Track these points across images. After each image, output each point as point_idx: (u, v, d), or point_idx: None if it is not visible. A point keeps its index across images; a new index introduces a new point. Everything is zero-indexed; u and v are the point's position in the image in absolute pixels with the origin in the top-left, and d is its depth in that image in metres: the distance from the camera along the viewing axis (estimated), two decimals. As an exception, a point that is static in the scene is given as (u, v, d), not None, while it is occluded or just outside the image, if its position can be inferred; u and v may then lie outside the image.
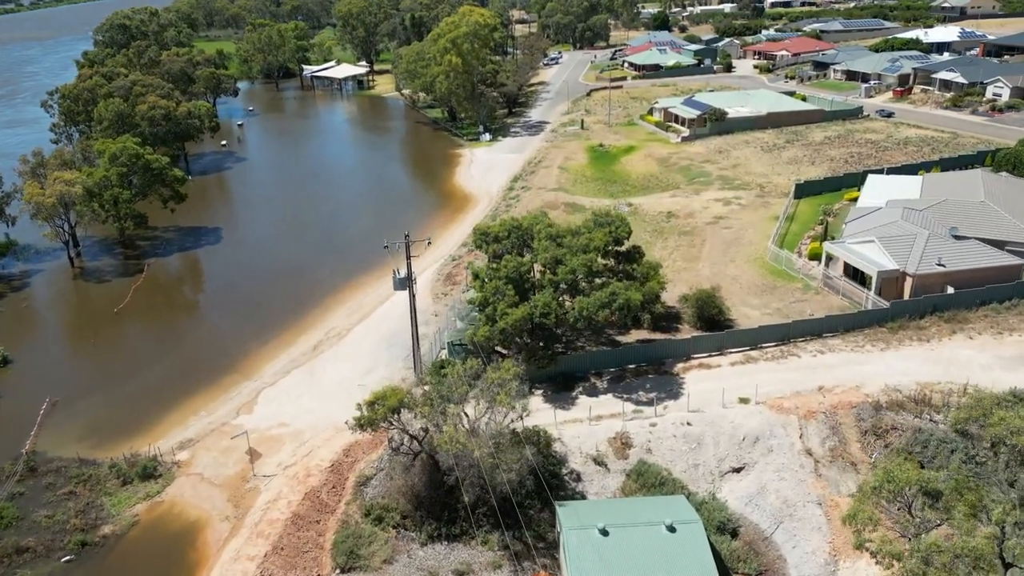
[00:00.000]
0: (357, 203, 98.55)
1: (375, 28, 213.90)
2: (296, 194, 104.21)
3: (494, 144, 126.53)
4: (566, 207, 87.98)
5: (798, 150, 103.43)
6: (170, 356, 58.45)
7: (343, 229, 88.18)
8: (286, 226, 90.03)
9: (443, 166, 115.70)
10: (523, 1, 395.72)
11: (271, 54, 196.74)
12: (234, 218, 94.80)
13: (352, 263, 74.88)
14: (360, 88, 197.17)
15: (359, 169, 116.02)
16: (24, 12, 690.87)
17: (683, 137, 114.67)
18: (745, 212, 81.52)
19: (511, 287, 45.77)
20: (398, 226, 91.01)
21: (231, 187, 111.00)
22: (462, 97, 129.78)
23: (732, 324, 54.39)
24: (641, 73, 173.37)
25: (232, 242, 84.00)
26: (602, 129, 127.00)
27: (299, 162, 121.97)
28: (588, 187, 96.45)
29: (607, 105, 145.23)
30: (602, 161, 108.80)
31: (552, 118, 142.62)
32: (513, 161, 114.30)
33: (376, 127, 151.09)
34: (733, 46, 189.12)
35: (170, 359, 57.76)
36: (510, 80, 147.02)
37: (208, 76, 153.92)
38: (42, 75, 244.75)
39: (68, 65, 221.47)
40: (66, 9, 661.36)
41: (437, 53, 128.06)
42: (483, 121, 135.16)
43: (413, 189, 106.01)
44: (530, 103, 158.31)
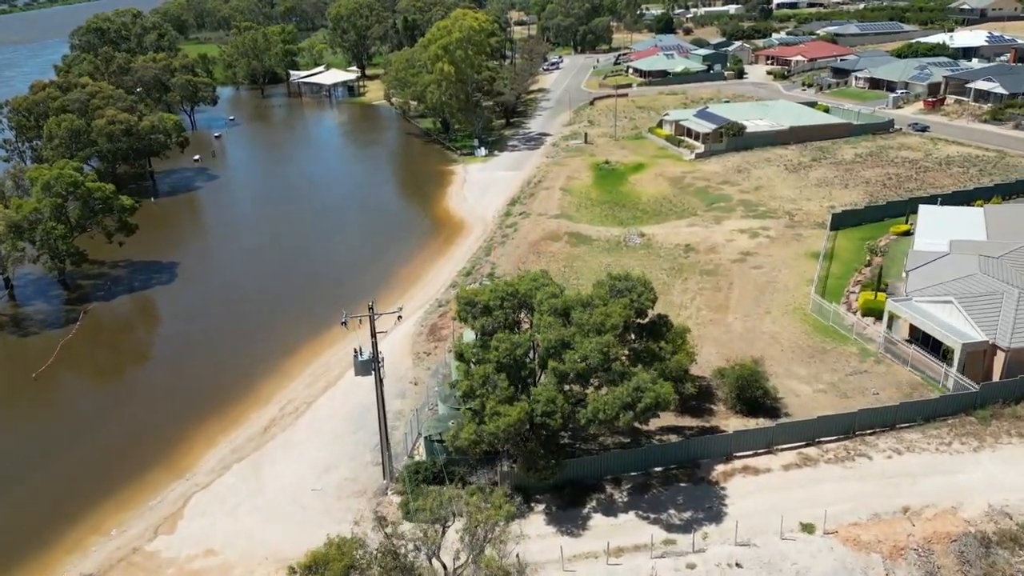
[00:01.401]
0: (337, 231, 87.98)
1: (367, 31, 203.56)
2: (269, 219, 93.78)
3: (490, 160, 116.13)
4: (569, 238, 77.56)
5: (827, 170, 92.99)
6: (84, 443, 47.43)
7: (317, 265, 77.67)
8: (253, 259, 79.57)
9: (434, 185, 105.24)
10: (523, 2, 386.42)
11: (256, 59, 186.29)
12: (196, 249, 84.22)
13: (322, 310, 64.43)
14: (351, 94, 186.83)
15: (342, 189, 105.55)
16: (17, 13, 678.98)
17: (697, 154, 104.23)
18: (775, 247, 71.07)
19: (504, 376, 35.38)
20: (380, 261, 80.00)
21: (198, 210, 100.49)
22: (455, 108, 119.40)
23: (779, 407, 44.01)
24: (647, 80, 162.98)
25: (188, 281, 73.49)
26: (607, 143, 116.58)
27: (277, 180, 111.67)
28: (594, 212, 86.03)
29: (612, 116, 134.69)
30: (608, 181, 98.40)
31: (553, 130, 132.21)
32: (511, 180, 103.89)
33: (364, 139, 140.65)
34: (744, 51, 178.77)
35: (83, 447, 46.84)
36: (508, 88, 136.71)
37: (184, 84, 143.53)
38: (19, 80, 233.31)
39: (48, 70, 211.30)
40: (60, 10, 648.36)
41: (428, 60, 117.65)
42: (478, 134, 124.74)
43: (400, 214, 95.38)
44: (529, 113, 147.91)
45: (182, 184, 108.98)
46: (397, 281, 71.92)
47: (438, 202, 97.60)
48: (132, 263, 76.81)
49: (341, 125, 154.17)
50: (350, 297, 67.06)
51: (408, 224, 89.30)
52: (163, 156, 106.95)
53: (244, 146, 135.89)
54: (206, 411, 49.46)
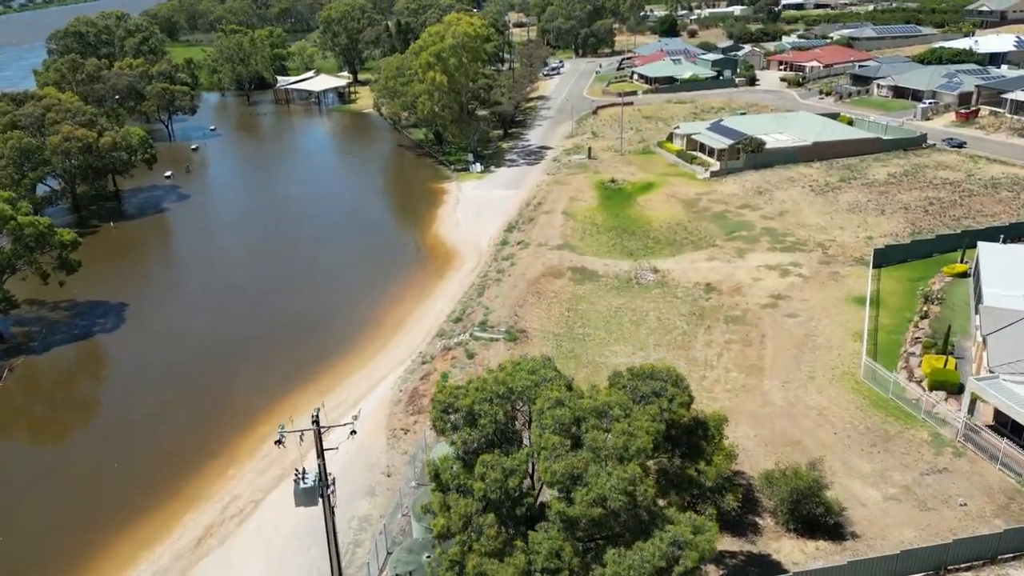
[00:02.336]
0: (314, 262, 78.74)
1: (359, 35, 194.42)
2: (239, 248, 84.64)
3: (486, 176, 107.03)
4: (573, 274, 68.43)
5: (858, 192, 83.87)
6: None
7: (288, 306, 68.44)
8: (214, 299, 70.37)
9: (425, 206, 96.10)
10: (522, 2, 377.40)
11: (241, 64, 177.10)
12: (151, 286, 74.75)
13: (286, 366, 55.44)
14: (341, 101, 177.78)
15: (324, 211, 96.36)
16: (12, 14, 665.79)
17: (712, 172, 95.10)
18: (810, 288, 61.94)
19: (492, 519, 26.31)
20: (359, 301, 68.65)
21: (161, 237, 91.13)
22: (448, 121, 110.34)
23: (842, 524, 34.89)
24: (653, 87, 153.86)
25: (137, 327, 64.25)
26: (613, 158, 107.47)
27: (253, 200, 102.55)
28: (600, 242, 76.89)
29: (617, 127, 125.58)
30: (615, 202, 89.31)
31: (554, 142, 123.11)
32: (508, 200, 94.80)
33: (352, 151, 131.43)
34: (756, 55, 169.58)
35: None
36: (505, 97, 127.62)
37: (160, 92, 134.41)
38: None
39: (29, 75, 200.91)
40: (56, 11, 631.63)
41: (419, 68, 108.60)
42: (473, 147, 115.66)
43: (386, 241, 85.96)
44: (528, 122, 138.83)
45: (150, 204, 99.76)
46: (377, 327, 62.75)
47: (428, 226, 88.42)
48: (76, 305, 67.58)
49: (328, 135, 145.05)
50: (319, 351, 58.18)
51: (394, 254, 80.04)
52: (127, 175, 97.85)
53: (223, 159, 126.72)
54: (128, 514, 40.28)
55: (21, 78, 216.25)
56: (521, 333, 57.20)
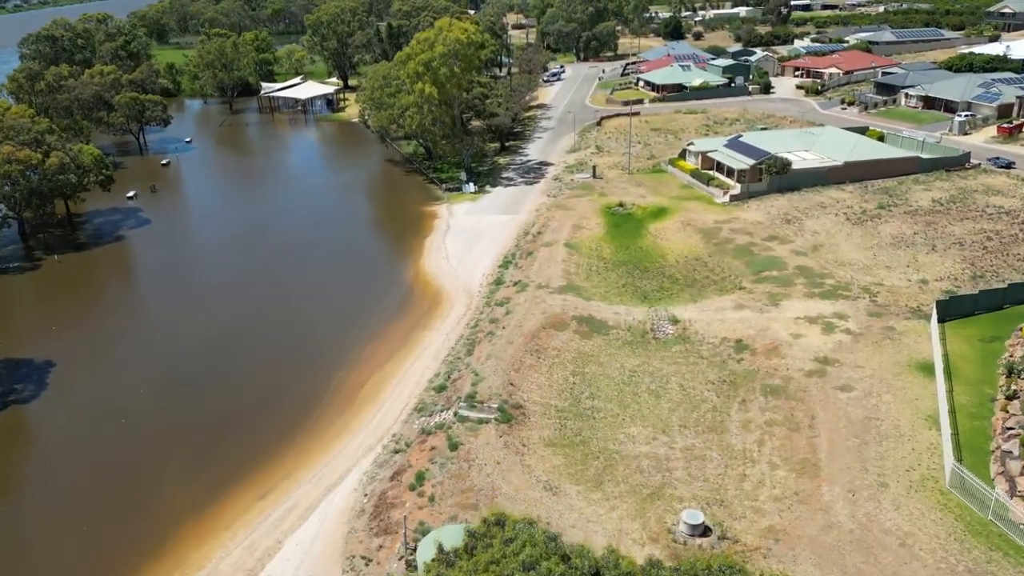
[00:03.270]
0: (279, 308, 68.42)
1: (349, 39, 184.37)
2: (194, 287, 74.43)
3: (480, 197, 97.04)
4: (579, 325, 58.46)
5: (901, 222, 73.87)
6: None
7: (237, 371, 58.31)
8: (157, 357, 60.07)
9: (411, 233, 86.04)
10: (521, 3, 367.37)
11: (223, 70, 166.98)
12: (86, 339, 64.45)
13: (222, 464, 45.43)
14: (330, 108, 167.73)
15: (299, 241, 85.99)
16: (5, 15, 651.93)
17: (732, 196, 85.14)
18: (863, 349, 51.98)
19: None
20: (325, 361, 57.32)
21: (111, 273, 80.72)
22: (439, 136, 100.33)
23: None
24: (661, 95, 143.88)
25: (58, 396, 54.04)
26: (620, 177, 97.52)
27: (220, 226, 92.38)
28: (608, 281, 66.90)
29: (623, 139, 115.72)
30: (624, 231, 79.38)
31: (555, 157, 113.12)
32: (504, 228, 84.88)
33: (336, 167, 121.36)
34: (769, 61, 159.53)
35: None
36: (503, 108, 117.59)
37: (129, 102, 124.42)
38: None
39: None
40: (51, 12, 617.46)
41: (407, 78, 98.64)
42: (467, 164, 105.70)
43: (364, 279, 75.39)
44: (527, 134, 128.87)
45: (106, 231, 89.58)
46: (344, 399, 52.70)
47: (414, 259, 78.33)
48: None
49: (312, 148, 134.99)
50: (269, 437, 48.13)
51: (373, 295, 69.96)
52: (77, 199, 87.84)
53: (194, 177, 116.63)
54: None
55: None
56: (517, 410, 47.22)
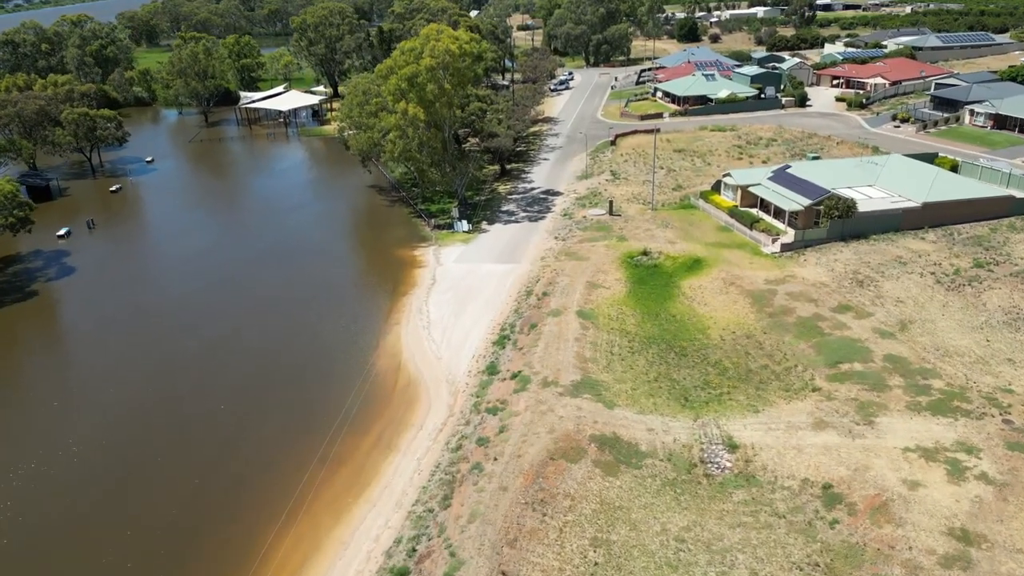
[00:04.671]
0: (203, 409, 52.69)
1: (338, 43, 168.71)
2: (110, 369, 58.83)
3: (475, 238, 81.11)
4: (600, 450, 42.48)
5: (1011, 289, 57.49)
6: None
7: (153, 495, 42.92)
8: (49, 466, 44.77)
9: (387, 290, 70.08)
10: (527, 4, 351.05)
11: (196, 78, 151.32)
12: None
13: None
14: (316, 120, 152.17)
15: (241, 302, 69.99)
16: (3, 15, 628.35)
17: (783, 244, 69.02)
18: (1015, 515, 35.85)
19: None
20: (251, 497, 41.10)
21: (12, 340, 65.29)
22: (426, 164, 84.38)
23: None
24: (683, 108, 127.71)
25: None
26: (642, 214, 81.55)
27: (156, 277, 76.11)
28: (636, 370, 51.03)
29: (642, 161, 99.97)
30: (651, 290, 63.48)
31: (563, 184, 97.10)
32: (502, 282, 68.89)
33: (310, 194, 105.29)
34: (803, 69, 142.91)
35: None
36: (503, 126, 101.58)
37: (77, 119, 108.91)
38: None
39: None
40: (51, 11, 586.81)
41: (389, 96, 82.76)
42: (461, 195, 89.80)
43: (321, 358, 57.57)
44: (531, 155, 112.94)
45: (18, 284, 73.48)
46: (267, 567, 36.93)
47: (387, 329, 62.27)
48: None
49: (289, 170, 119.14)
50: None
51: (326, 387, 53.66)
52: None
53: (145, 207, 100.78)
54: None
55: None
56: (511, 626, 31.32)
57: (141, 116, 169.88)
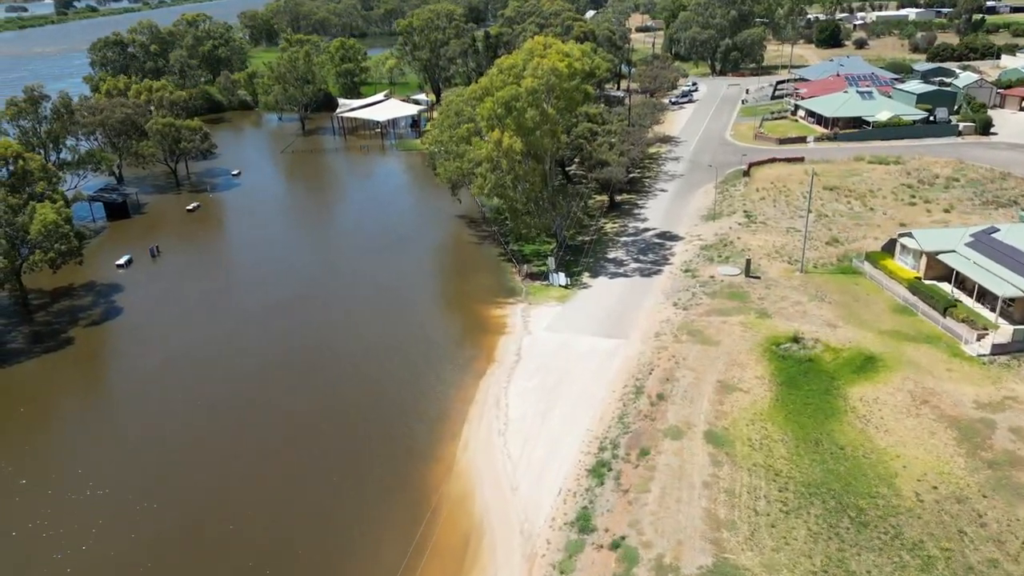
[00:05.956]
0: (230, 506, 41.74)
1: (442, 48, 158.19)
2: (131, 446, 48.92)
3: (572, 296, 66.60)
4: None
5: None
6: None
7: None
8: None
9: (460, 365, 56.47)
10: (647, 4, 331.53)
11: (295, 85, 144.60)
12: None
13: None
14: (414, 131, 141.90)
15: (284, 370, 58.48)
16: (119, 15, 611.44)
17: (995, 345, 50.44)
18: None
19: None
20: None
21: (26, 406, 56.64)
22: (520, 204, 70.50)
23: None
24: (832, 132, 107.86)
25: None
26: (788, 278, 64.46)
27: (204, 323, 65.61)
28: (794, 551, 35.24)
29: (784, 200, 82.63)
30: (806, 399, 47.15)
31: (684, 226, 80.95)
32: (603, 366, 54.06)
33: (391, 222, 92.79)
34: (983, 87, 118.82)
35: None
36: (615, 152, 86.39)
37: (162, 130, 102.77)
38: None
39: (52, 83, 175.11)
40: (165, 12, 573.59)
41: (482, 121, 69.58)
42: (561, 239, 75.64)
43: (355, 485, 44.75)
44: (646, 184, 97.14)
45: (60, 324, 65.49)
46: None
47: (452, 427, 48.76)
48: None
49: (376, 191, 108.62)
50: None
51: (358, 539, 40.99)
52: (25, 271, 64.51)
53: (217, 231, 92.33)
54: None
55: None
56: None
57: (243, 120, 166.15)
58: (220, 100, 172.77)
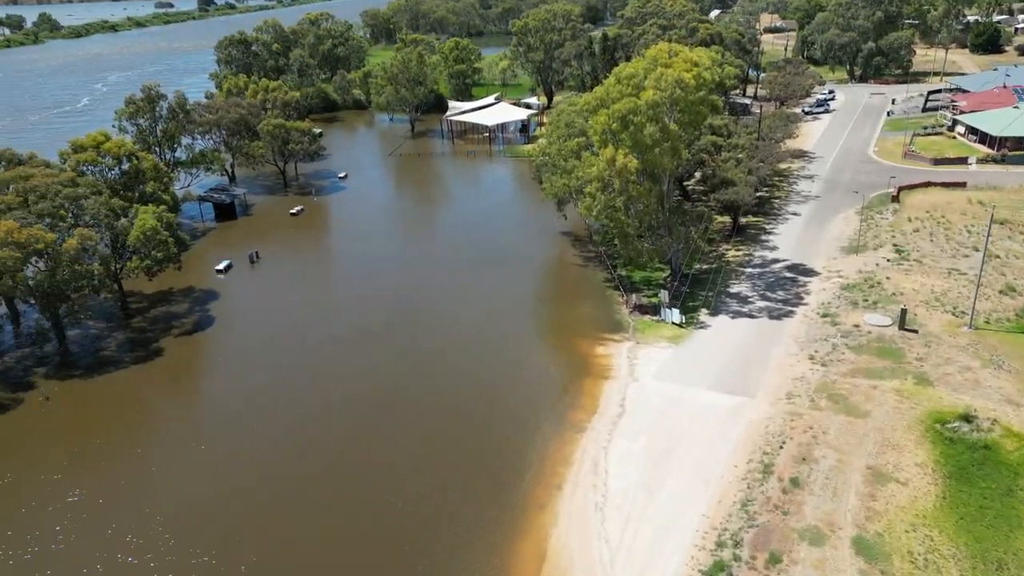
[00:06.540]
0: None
1: (557, 50, 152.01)
2: (196, 480, 45.95)
3: (687, 337, 58.71)
4: None
5: None
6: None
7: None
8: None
9: (555, 417, 49.72)
10: (778, 3, 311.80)
11: (406, 86, 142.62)
12: None
13: None
14: (524, 136, 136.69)
15: (376, 406, 54.79)
16: (249, 12, 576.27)
17: None
18: None
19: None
20: None
21: (108, 426, 54.98)
22: (631, 229, 63.07)
23: None
24: (1000, 153, 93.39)
25: None
26: (951, 332, 53.96)
27: (292, 339, 62.73)
28: None
29: (943, 236, 70.89)
30: (984, 500, 37.75)
31: (820, 260, 70.92)
32: (723, 430, 46.13)
33: (491, 233, 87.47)
34: None
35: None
36: (742, 169, 77.25)
37: (272, 131, 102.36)
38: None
39: (175, 79, 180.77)
40: (292, 11, 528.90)
41: (594, 136, 62.76)
42: (677, 269, 67.75)
43: (433, 549, 41.30)
44: (775, 205, 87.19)
45: (155, 332, 64.39)
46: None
47: (541, 495, 42.34)
48: None
49: (478, 200, 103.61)
50: None
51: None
52: (93, 298, 62.72)
53: (316, 237, 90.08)
54: None
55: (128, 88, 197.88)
56: None
57: (356, 120, 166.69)
58: (335, 99, 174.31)
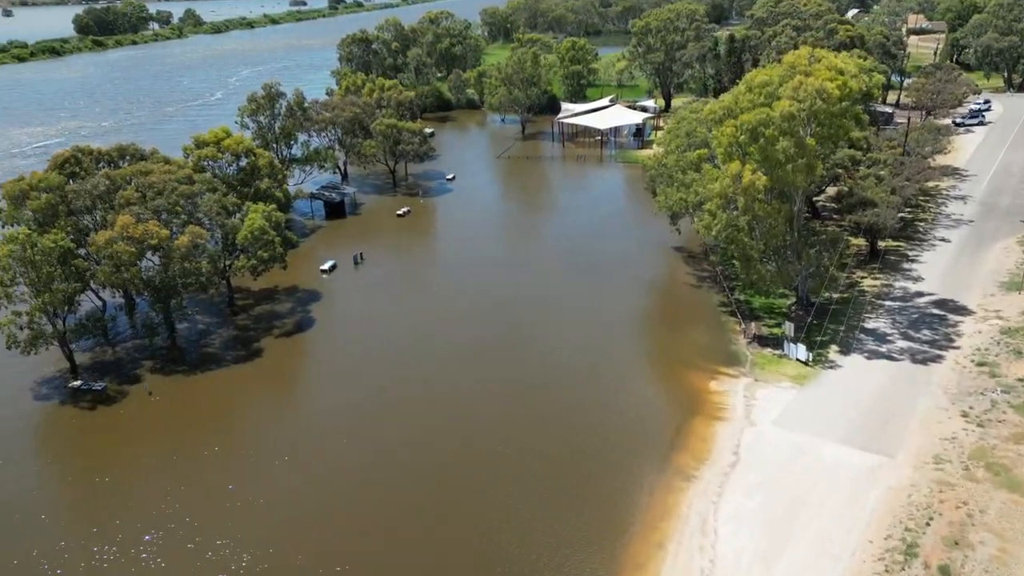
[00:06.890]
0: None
1: (679, 51, 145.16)
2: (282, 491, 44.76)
3: (813, 378, 52.40)
4: None
5: None
6: None
7: None
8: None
9: (657, 461, 44.87)
10: (923, 3, 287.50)
11: (518, 86, 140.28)
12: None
13: None
14: (638, 141, 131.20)
15: (463, 437, 52.09)
16: (375, 11, 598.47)
17: None
18: None
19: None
20: None
21: (208, 424, 55.23)
22: (754, 252, 57.25)
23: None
24: None
25: None
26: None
27: (378, 350, 60.92)
28: None
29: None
30: None
31: (974, 296, 62.22)
32: (855, 495, 40.13)
33: (597, 246, 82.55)
34: None
35: None
36: (884, 190, 69.15)
37: (384, 131, 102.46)
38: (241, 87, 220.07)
39: (292, 77, 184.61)
40: (412, 9, 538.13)
41: (719, 149, 57.41)
42: (803, 296, 61.23)
43: None
44: (919, 229, 78.13)
45: (257, 331, 64.45)
46: None
47: (635, 554, 38.06)
48: None
49: (586, 210, 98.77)
50: None
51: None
52: (202, 293, 63.26)
53: (420, 240, 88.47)
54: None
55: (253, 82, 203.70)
56: None
57: (468, 119, 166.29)
58: (449, 98, 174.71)
